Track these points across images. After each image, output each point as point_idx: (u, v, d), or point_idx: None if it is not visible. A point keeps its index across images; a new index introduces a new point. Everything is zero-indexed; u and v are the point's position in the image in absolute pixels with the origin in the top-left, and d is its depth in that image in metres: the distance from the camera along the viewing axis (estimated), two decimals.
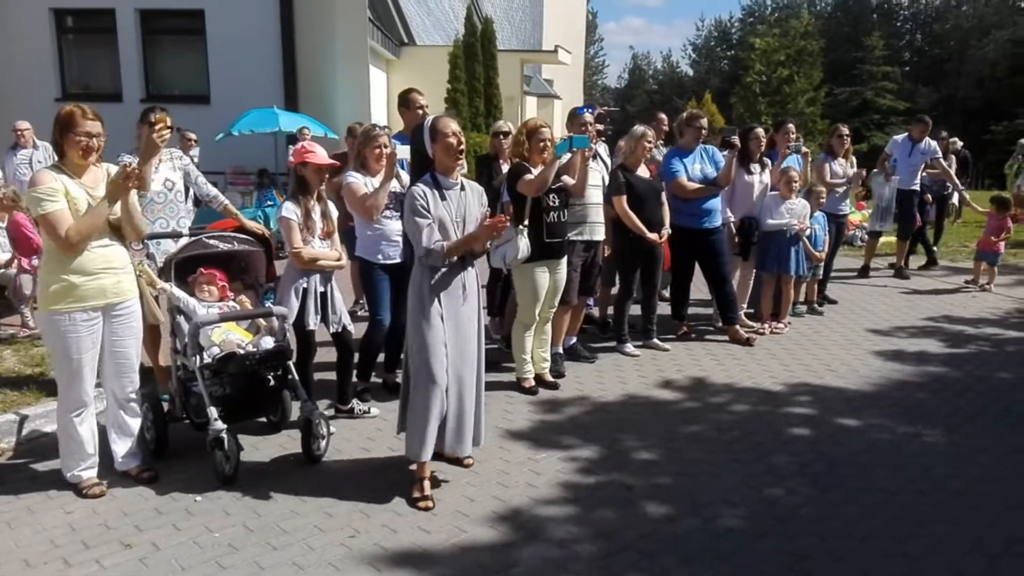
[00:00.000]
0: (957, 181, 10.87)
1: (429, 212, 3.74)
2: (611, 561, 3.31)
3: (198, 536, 3.47)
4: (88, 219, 3.63)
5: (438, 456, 4.01)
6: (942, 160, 10.09)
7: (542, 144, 5.16)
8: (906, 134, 9.80)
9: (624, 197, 6.09)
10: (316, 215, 4.60)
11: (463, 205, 3.89)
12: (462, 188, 3.93)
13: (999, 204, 9.25)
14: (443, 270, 3.81)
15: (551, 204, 5.19)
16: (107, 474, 3.97)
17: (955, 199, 12.29)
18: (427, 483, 3.85)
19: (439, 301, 3.79)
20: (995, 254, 9.10)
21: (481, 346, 4.03)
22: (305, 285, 4.58)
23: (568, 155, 5.22)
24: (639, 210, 6.11)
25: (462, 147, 3.86)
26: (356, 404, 4.96)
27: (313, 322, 4.61)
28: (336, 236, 4.75)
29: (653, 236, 6.15)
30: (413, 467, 3.92)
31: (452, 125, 3.86)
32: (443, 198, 3.82)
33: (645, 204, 6.15)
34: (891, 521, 3.66)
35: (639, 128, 6.28)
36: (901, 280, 9.61)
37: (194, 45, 13.94)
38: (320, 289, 4.64)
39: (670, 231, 6.30)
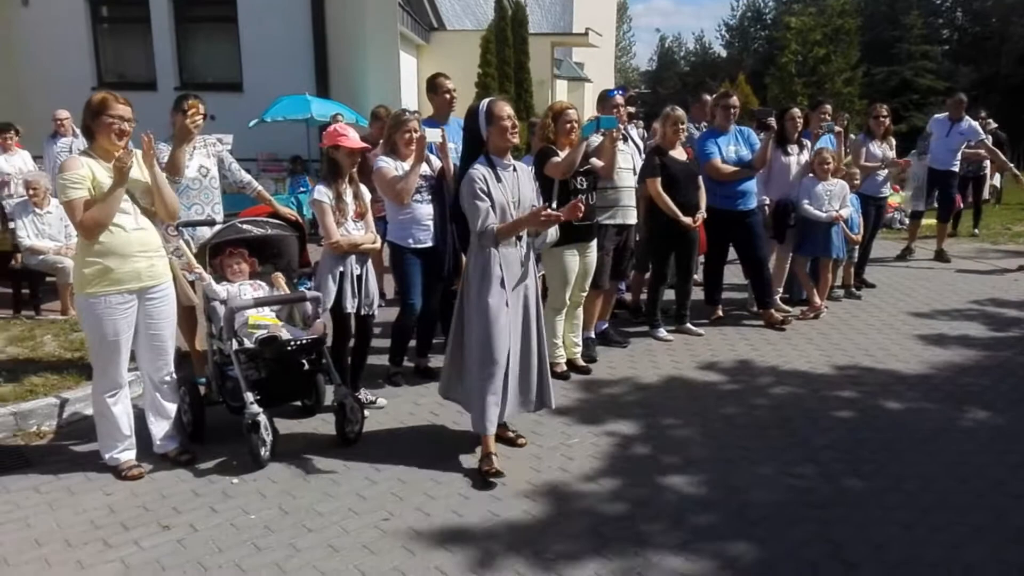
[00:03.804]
0: (1006, 160, 10.56)
1: (488, 195, 3.85)
2: (644, 546, 3.28)
3: (235, 518, 3.52)
4: (101, 207, 3.67)
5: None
6: (985, 142, 9.85)
7: (569, 126, 5.10)
8: (946, 113, 9.58)
9: (658, 180, 6.02)
10: (348, 197, 4.61)
11: (517, 186, 4.01)
12: (514, 169, 4.04)
13: None
14: (503, 249, 3.92)
15: (579, 187, 5.13)
16: (146, 457, 4.04)
17: (995, 180, 12.00)
18: (494, 458, 3.92)
19: (503, 282, 3.91)
20: None
21: (540, 315, 4.17)
22: (342, 269, 4.58)
23: (596, 136, 5.17)
24: (673, 193, 6.04)
25: (516, 128, 3.98)
26: (365, 393, 4.91)
27: (351, 305, 4.60)
28: (370, 217, 4.75)
29: (687, 220, 6.07)
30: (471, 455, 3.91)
31: (507, 108, 3.97)
32: (499, 179, 3.93)
33: (680, 187, 6.07)
34: (930, 508, 3.59)
35: (669, 108, 6.21)
36: (942, 263, 9.42)
37: (227, 33, 14.04)
38: (356, 272, 4.64)
39: (705, 215, 6.22)
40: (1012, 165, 10.72)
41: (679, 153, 6.19)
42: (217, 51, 14.38)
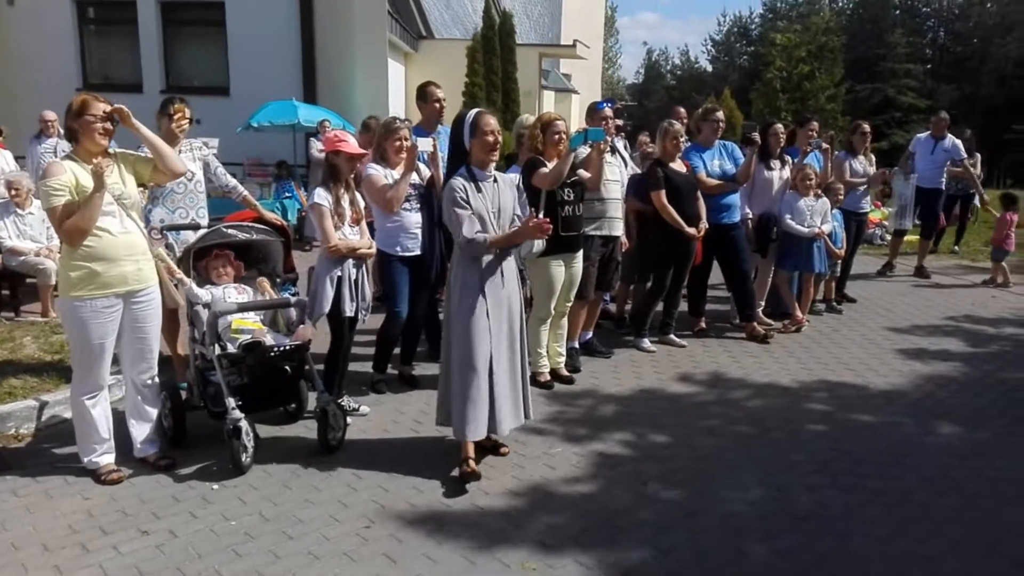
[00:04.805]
0: (978, 183, 10.82)
1: (468, 204, 3.91)
2: (625, 557, 3.29)
3: (215, 524, 3.50)
4: (82, 213, 3.63)
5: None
6: (966, 161, 10.00)
7: (557, 137, 5.13)
8: (928, 132, 9.72)
9: (663, 192, 6.06)
10: (345, 203, 4.61)
11: (497, 196, 4.06)
12: (495, 180, 4.09)
13: (1004, 201, 9.38)
14: (485, 257, 3.96)
15: (566, 198, 5.15)
16: (125, 461, 4.01)
17: (976, 200, 12.18)
18: (471, 461, 3.96)
19: (483, 290, 3.95)
20: (1002, 251, 9.12)
21: (523, 326, 4.20)
22: (340, 273, 4.55)
23: (583, 148, 5.19)
24: (676, 204, 6.09)
25: (498, 144, 4.04)
26: (348, 400, 4.88)
27: (350, 309, 4.58)
28: (364, 223, 4.76)
29: (692, 230, 6.12)
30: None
31: (492, 123, 4.02)
32: (478, 190, 3.98)
33: (682, 198, 6.12)
34: (908, 522, 3.63)
35: (666, 123, 6.27)
36: (922, 279, 9.52)
37: (214, 37, 14.01)
38: (353, 276, 4.62)
39: (707, 225, 6.28)
40: (982, 191, 11.03)
41: (678, 166, 6.25)
42: (204, 55, 14.34)
